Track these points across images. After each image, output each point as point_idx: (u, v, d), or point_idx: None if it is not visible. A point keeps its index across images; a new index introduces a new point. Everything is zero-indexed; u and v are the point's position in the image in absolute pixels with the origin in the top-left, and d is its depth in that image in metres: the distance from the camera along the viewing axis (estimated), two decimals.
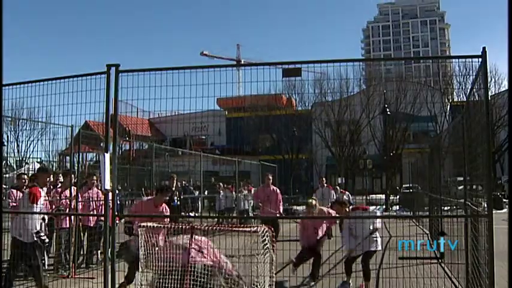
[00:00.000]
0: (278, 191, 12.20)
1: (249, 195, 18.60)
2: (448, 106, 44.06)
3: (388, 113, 31.31)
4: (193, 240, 5.01)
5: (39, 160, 17.90)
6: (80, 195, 9.02)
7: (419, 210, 17.85)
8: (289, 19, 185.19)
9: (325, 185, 17.01)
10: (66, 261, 8.57)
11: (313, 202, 8.19)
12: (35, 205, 6.53)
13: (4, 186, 11.83)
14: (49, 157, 16.08)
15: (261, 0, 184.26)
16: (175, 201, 13.91)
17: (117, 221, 5.70)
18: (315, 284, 7.52)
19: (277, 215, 11.93)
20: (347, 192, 22.37)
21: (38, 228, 6.53)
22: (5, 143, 16.82)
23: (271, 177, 12.33)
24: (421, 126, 46.07)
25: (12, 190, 8.81)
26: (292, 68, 5.20)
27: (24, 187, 8.58)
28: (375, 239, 7.31)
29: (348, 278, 7.50)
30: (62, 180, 9.57)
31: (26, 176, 8.99)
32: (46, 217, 8.13)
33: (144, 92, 4.95)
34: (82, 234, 9.18)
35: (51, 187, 9.69)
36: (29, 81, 5.52)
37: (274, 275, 5.08)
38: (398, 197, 28.25)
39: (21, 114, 31.95)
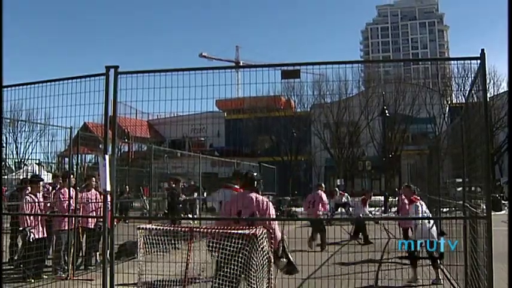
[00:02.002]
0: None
1: None
2: (447, 108, 44.08)
3: (387, 114, 31.31)
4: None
5: (37, 162, 17.86)
6: (79, 197, 9.03)
7: None
8: (288, 21, 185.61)
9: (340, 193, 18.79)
10: (65, 263, 8.55)
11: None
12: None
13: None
14: (48, 159, 16.08)
15: (260, 2, 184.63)
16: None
17: (116, 223, 5.70)
18: None
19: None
20: (346, 194, 22.36)
21: None
22: (4, 145, 16.80)
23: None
24: (420, 128, 46.04)
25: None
26: (291, 70, 5.20)
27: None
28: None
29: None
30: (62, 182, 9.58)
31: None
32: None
33: (143, 94, 4.95)
34: (81, 235, 9.17)
35: (51, 188, 9.70)
36: (27, 83, 5.52)
37: (271, 277, 5.08)
38: (397, 198, 28.18)
39: (20, 116, 32.05)
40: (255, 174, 5.60)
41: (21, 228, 8.13)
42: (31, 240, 8.08)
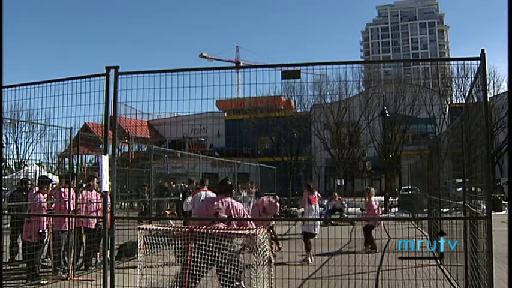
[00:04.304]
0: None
1: (248, 197, 18.55)
2: (447, 108, 44.07)
3: (387, 115, 31.32)
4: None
5: (38, 162, 17.85)
6: (79, 197, 9.03)
7: (418, 212, 17.85)
8: (288, 21, 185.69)
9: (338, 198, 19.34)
10: (65, 263, 8.55)
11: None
12: None
13: (3, 188, 11.80)
14: (48, 159, 16.06)
15: (260, 3, 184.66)
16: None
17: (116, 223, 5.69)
18: None
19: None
20: (344, 200, 22.44)
21: None
22: (4, 145, 16.78)
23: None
24: (420, 128, 46.06)
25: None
26: (291, 70, 5.20)
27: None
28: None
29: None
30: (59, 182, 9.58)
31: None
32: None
33: (143, 94, 4.94)
34: (82, 236, 9.17)
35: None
36: (28, 83, 5.51)
37: (271, 277, 5.08)
38: (397, 199, 28.22)
39: (21, 116, 32.09)
40: (229, 182, 6.13)
41: (41, 231, 8.21)
42: (44, 242, 8.33)
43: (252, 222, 5.73)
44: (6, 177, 15.30)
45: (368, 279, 7.75)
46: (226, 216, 5.59)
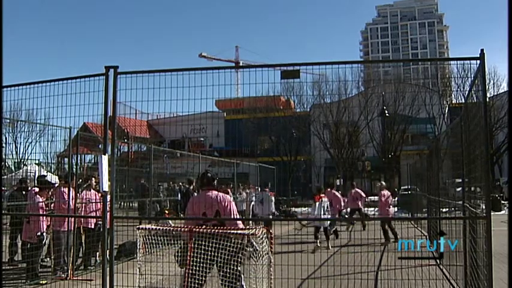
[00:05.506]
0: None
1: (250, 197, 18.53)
2: (447, 108, 44.06)
3: (387, 114, 31.30)
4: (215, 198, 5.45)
5: (37, 162, 17.84)
6: (79, 197, 9.03)
7: (417, 212, 17.86)
8: (288, 21, 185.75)
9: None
10: (65, 263, 8.54)
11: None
12: None
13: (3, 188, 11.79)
14: (47, 159, 16.05)
15: (260, 2, 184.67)
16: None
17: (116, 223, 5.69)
18: None
19: None
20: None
21: None
22: (3, 145, 16.76)
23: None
24: (420, 128, 46.01)
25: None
26: (290, 70, 5.20)
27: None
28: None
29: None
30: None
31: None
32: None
33: (142, 94, 4.93)
34: (81, 236, 9.16)
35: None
36: (27, 83, 5.50)
37: (271, 277, 5.08)
38: (396, 198, 28.20)
39: (20, 116, 32.08)
40: (210, 174, 5.77)
41: (39, 233, 8.19)
42: (43, 243, 8.37)
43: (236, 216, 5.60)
44: (5, 177, 15.30)
45: (368, 279, 7.76)
46: (213, 213, 5.38)
